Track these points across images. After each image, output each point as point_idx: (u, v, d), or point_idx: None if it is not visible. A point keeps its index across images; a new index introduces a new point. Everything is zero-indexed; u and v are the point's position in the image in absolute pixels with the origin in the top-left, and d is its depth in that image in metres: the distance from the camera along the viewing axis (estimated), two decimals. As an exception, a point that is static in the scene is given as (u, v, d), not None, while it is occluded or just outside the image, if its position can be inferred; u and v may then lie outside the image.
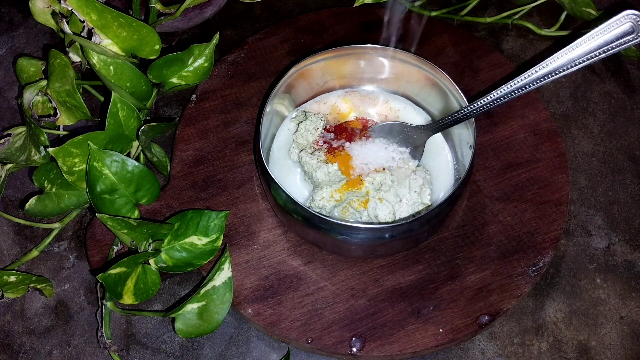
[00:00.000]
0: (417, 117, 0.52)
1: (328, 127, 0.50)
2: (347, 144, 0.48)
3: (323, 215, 0.41)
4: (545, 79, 0.39)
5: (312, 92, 0.52)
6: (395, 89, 0.52)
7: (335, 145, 0.48)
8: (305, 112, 0.50)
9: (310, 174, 0.47)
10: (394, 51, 0.47)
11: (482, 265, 0.49)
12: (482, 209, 0.52)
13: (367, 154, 0.48)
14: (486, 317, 0.47)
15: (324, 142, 0.48)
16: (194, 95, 0.57)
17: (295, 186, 0.50)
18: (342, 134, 0.49)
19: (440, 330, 0.47)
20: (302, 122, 0.49)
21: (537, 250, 0.50)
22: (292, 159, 0.49)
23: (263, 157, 0.43)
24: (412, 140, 0.48)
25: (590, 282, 0.52)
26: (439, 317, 0.47)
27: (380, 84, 0.52)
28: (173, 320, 0.48)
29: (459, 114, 0.44)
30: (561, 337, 0.50)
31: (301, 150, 0.47)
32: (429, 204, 0.47)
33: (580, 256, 0.53)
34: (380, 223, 0.45)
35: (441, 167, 0.50)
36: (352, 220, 0.46)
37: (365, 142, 0.48)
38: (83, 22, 0.48)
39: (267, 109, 0.46)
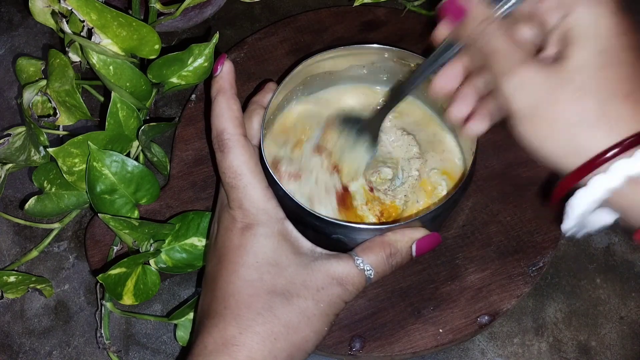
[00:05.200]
0: (419, 113, 0.51)
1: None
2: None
3: (319, 214, 0.41)
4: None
5: (316, 90, 0.52)
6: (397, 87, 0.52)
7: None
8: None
9: None
10: (398, 51, 0.47)
11: (482, 265, 0.49)
12: (482, 209, 0.52)
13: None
14: (486, 317, 0.47)
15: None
16: (193, 95, 0.57)
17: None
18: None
19: (440, 330, 0.47)
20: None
21: (537, 250, 0.50)
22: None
23: (264, 155, 0.43)
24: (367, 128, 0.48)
25: (590, 282, 0.52)
26: (439, 317, 0.47)
27: (383, 83, 0.52)
28: (175, 324, 0.48)
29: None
30: (561, 337, 0.50)
31: None
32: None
33: (580, 256, 0.53)
34: (378, 224, 0.45)
35: (446, 155, 0.50)
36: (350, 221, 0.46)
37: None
38: (83, 21, 0.48)
39: (268, 107, 0.46)
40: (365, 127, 0.47)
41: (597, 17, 0.33)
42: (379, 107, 0.47)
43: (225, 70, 0.44)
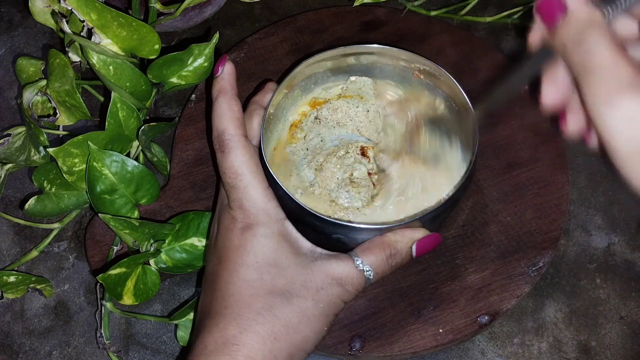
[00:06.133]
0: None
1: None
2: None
3: (319, 214, 0.41)
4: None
5: (316, 88, 0.51)
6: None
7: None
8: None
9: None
10: (397, 51, 0.47)
11: (482, 265, 0.49)
12: (482, 209, 0.52)
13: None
14: (486, 317, 0.47)
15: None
16: (193, 95, 0.57)
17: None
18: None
19: (440, 330, 0.47)
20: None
21: (537, 250, 0.50)
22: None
23: (264, 153, 0.43)
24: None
25: (590, 282, 0.52)
26: (439, 317, 0.47)
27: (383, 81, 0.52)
28: (175, 324, 0.48)
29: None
30: (561, 337, 0.50)
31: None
32: None
33: (580, 256, 0.53)
34: (378, 224, 0.45)
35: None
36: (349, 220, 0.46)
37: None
38: (83, 21, 0.48)
39: (269, 107, 0.46)
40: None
41: None
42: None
43: (227, 71, 0.44)
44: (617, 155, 0.28)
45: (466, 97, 0.45)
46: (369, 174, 0.47)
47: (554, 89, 0.33)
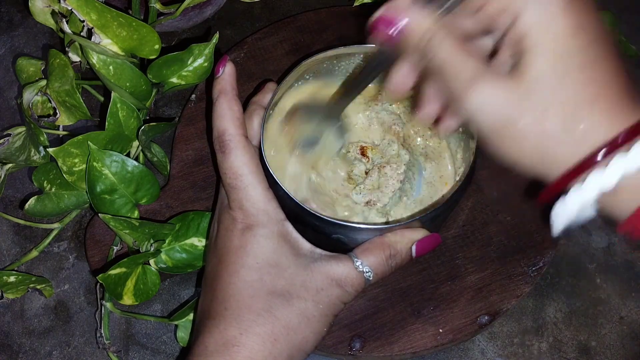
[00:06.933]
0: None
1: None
2: None
3: (319, 214, 0.41)
4: None
5: (315, 88, 0.51)
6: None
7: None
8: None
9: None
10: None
11: (482, 265, 0.49)
12: (482, 209, 0.52)
13: None
14: (486, 317, 0.47)
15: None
16: (193, 95, 0.57)
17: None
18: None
19: (440, 330, 0.47)
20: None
21: (537, 250, 0.50)
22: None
23: (264, 155, 0.43)
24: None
25: (590, 282, 0.52)
26: (439, 317, 0.47)
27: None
28: (175, 325, 0.48)
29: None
30: (561, 337, 0.50)
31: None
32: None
33: (580, 256, 0.53)
34: (378, 224, 0.45)
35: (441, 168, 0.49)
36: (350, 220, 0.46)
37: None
38: (83, 21, 0.48)
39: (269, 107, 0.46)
40: (328, 115, 0.47)
41: (548, 20, 0.31)
42: (337, 98, 0.47)
43: (227, 72, 0.44)
44: (484, 133, 0.33)
45: None
46: (366, 172, 0.48)
47: (400, 78, 0.37)
